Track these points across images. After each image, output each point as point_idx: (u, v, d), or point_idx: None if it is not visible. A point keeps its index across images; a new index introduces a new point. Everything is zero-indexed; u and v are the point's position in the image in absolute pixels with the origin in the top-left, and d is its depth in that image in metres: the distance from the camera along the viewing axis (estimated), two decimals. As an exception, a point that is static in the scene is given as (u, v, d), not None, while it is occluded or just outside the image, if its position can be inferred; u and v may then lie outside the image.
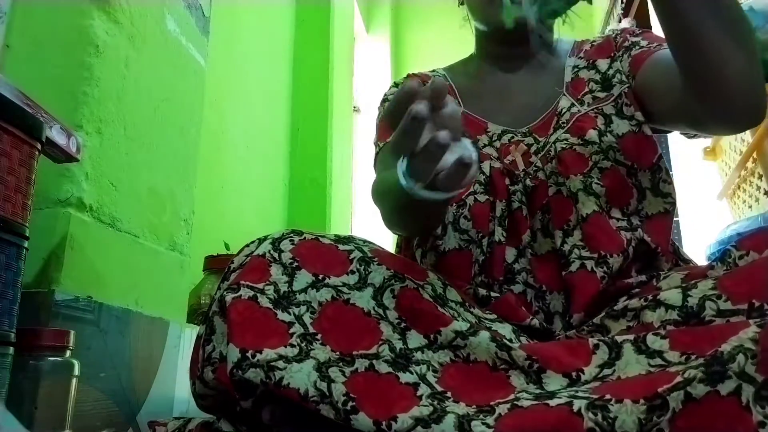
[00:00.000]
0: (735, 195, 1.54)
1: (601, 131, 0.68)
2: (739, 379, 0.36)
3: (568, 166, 0.67)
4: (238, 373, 0.45)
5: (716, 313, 0.46)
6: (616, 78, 0.73)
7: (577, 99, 0.73)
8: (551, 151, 0.69)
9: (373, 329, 0.49)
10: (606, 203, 0.65)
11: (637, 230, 0.65)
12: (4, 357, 0.51)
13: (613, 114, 0.70)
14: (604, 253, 0.62)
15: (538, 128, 0.73)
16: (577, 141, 0.68)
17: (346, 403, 0.42)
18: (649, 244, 0.65)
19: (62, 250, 0.67)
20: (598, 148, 0.67)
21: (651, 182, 0.68)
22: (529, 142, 0.72)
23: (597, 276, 0.61)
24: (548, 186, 0.68)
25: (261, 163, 1.84)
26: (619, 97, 0.71)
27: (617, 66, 0.74)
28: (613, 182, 0.66)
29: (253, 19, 1.82)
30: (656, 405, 0.36)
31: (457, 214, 0.68)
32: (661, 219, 0.68)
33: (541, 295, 0.64)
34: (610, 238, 0.63)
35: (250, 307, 0.49)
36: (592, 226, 0.64)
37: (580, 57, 0.78)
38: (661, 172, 0.68)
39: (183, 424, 0.56)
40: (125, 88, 0.81)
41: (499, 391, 0.44)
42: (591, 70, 0.76)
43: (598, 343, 0.46)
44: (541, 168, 0.69)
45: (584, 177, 0.66)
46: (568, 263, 0.63)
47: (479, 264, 0.66)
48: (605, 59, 0.76)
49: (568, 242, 0.64)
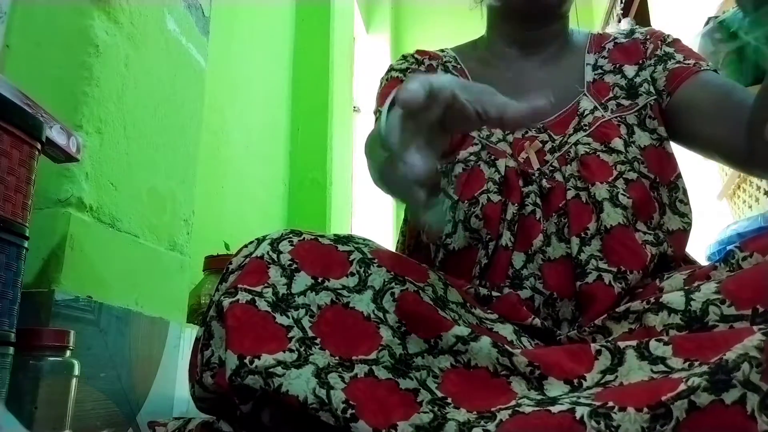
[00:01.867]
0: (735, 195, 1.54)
1: (626, 141, 0.66)
2: (744, 388, 0.35)
3: (593, 171, 0.64)
4: (237, 379, 0.45)
5: (720, 318, 0.46)
6: (643, 88, 0.71)
7: (601, 103, 0.71)
8: (571, 153, 0.67)
9: (373, 334, 0.48)
10: (632, 215, 0.63)
11: (663, 244, 0.63)
12: (4, 357, 0.51)
13: (635, 125, 0.68)
14: (625, 269, 0.60)
15: (554, 125, 0.70)
16: (601, 147, 0.66)
17: (346, 411, 0.42)
18: (669, 258, 0.64)
19: (62, 250, 0.67)
20: (623, 158, 0.65)
21: (669, 199, 0.67)
22: (543, 139, 0.69)
23: (614, 291, 0.60)
24: (566, 189, 0.65)
25: (261, 163, 1.84)
26: (643, 108, 0.69)
27: (645, 75, 0.72)
28: (638, 194, 0.64)
29: (253, 19, 1.81)
30: (660, 414, 0.36)
31: (469, 213, 0.66)
32: (679, 235, 0.67)
33: (551, 302, 0.62)
34: (633, 254, 0.61)
35: (247, 311, 0.48)
36: (615, 239, 0.62)
37: (604, 57, 0.76)
38: (678, 192, 0.67)
39: (183, 424, 0.56)
40: (125, 88, 0.81)
41: (500, 397, 0.44)
42: (617, 75, 0.73)
43: (601, 348, 0.45)
44: (558, 169, 0.67)
45: (610, 186, 0.63)
46: (584, 273, 0.61)
47: (480, 267, 0.65)
48: (633, 65, 0.73)
49: (585, 251, 0.62)
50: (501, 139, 0.71)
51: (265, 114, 1.90)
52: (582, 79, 0.74)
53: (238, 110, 1.67)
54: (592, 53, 0.76)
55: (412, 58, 0.82)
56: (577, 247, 0.62)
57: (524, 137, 0.70)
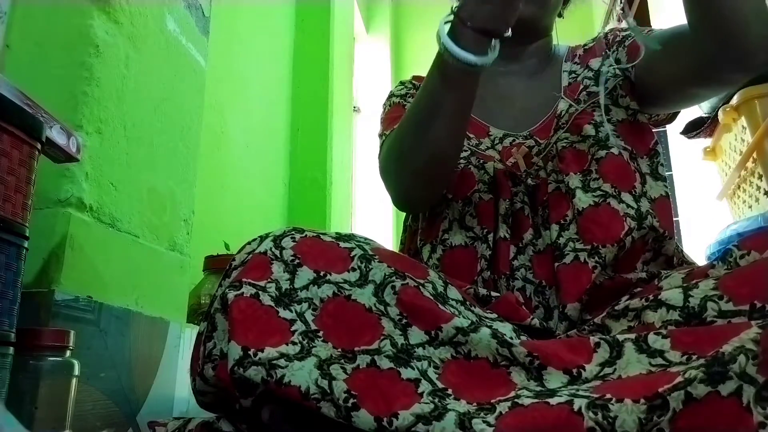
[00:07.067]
0: (735, 195, 1.54)
1: (596, 123, 0.71)
2: (740, 380, 0.36)
3: (568, 163, 0.69)
4: (239, 370, 0.45)
5: (718, 314, 0.46)
6: (610, 72, 0.75)
7: (574, 99, 0.76)
8: (552, 151, 0.72)
9: (375, 325, 0.49)
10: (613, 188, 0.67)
11: (647, 218, 0.66)
12: (4, 357, 0.51)
13: (609, 104, 0.73)
14: (597, 245, 0.64)
15: (539, 131, 0.75)
16: (576, 138, 0.71)
17: (347, 401, 0.42)
18: (658, 230, 0.67)
19: (62, 250, 0.67)
20: (594, 140, 0.70)
21: (650, 167, 0.71)
22: (530, 144, 0.74)
23: (589, 266, 0.63)
24: (548, 183, 0.70)
25: (261, 163, 1.84)
26: (613, 89, 0.74)
27: (610, 61, 0.76)
28: (613, 168, 0.68)
29: (253, 19, 1.82)
30: (657, 405, 0.36)
31: (463, 212, 0.72)
32: (662, 202, 0.71)
33: (540, 290, 0.66)
34: (605, 230, 0.65)
35: (252, 305, 0.49)
36: (587, 219, 0.66)
37: (576, 62, 0.81)
38: (658, 157, 0.72)
39: (183, 424, 0.56)
40: (125, 88, 0.81)
41: (500, 388, 0.44)
42: (585, 70, 0.79)
43: (599, 341, 0.46)
44: (542, 167, 0.71)
45: (582, 175, 0.68)
46: (563, 255, 0.65)
47: (485, 259, 0.68)
48: (597, 58, 0.79)
49: (564, 236, 0.66)
50: (490, 146, 0.76)
51: (265, 114, 1.90)
52: (560, 86, 0.79)
53: (238, 110, 1.67)
54: (569, 62, 0.82)
55: (410, 84, 0.89)
56: (556, 233, 0.67)
57: (512, 145, 0.75)
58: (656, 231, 0.67)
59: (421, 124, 0.67)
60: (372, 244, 0.58)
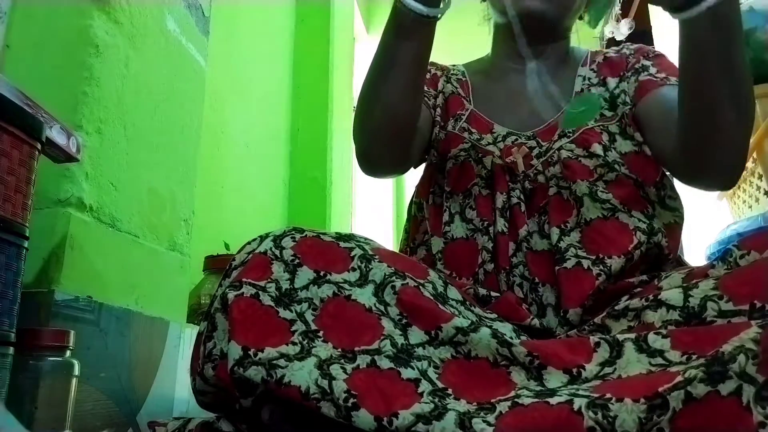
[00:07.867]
0: (735, 195, 1.54)
1: (605, 146, 0.70)
2: (740, 380, 0.36)
3: (574, 171, 0.68)
4: (239, 370, 0.45)
5: (718, 314, 0.46)
6: (621, 98, 0.75)
7: None
8: (554, 157, 0.71)
9: (375, 325, 0.49)
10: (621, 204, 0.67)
11: (657, 234, 0.66)
12: (4, 357, 0.51)
13: (617, 133, 0.72)
14: (603, 256, 0.64)
15: (543, 133, 0.75)
16: (582, 153, 0.70)
17: (347, 400, 0.42)
18: (663, 249, 0.66)
19: (62, 250, 0.67)
20: (602, 161, 0.68)
21: (657, 197, 0.70)
22: (531, 146, 0.73)
23: (593, 273, 0.62)
24: (548, 188, 0.69)
25: (261, 163, 1.84)
26: (623, 117, 0.73)
27: (624, 86, 0.76)
28: (622, 192, 0.67)
29: (253, 19, 1.82)
30: (656, 404, 0.36)
31: (464, 204, 0.72)
32: (672, 228, 0.70)
33: (534, 287, 0.66)
34: (612, 242, 0.64)
35: (252, 305, 0.49)
36: (594, 231, 0.65)
37: (593, 69, 0.80)
38: (665, 189, 0.70)
39: (183, 424, 0.56)
40: (125, 88, 0.81)
41: (500, 387, 0.44)
42: (601, 87, 0.77)
43: (600, 341, 0.46)
44: (541, 172, 0.71)
45: (590, 184, 0.67)
46: (564, 259, 0.64)
47: (488, 251, 0.68)
48: (615, 78, 0.77)
49: (565, 240, 0.66)
50: (491, 142, 0.75)
51: (265, 114, 1.90)
52: (572, 90, 0.78)
53: (238, 110, 1.67)
54: (586, 66, 0.81)
55: None
56: (557, 237, 0.66)
57: (513, 144, 0.74)
58: (661, 249, 0.66)
59: (376, 78, 0.68)
60: (372, 244, 0.58)
